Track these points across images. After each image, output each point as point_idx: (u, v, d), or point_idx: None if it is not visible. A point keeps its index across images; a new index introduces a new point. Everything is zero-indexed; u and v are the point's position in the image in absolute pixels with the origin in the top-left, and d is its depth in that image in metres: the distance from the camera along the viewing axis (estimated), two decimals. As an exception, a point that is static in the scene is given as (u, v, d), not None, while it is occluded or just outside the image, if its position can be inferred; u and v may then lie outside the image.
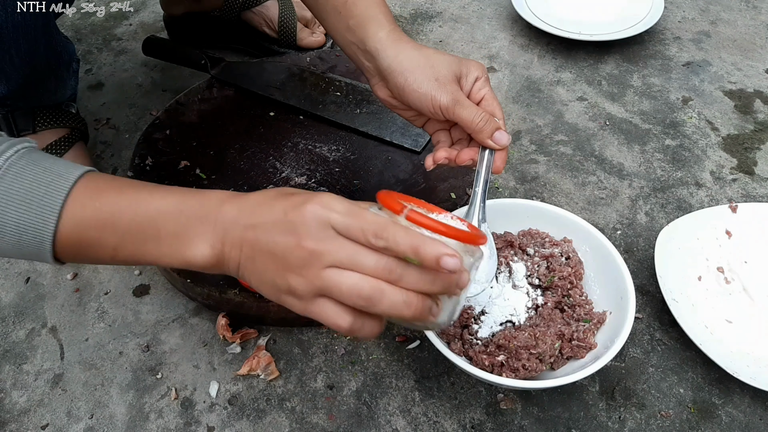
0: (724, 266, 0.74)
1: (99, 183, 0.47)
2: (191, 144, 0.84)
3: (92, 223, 0.45)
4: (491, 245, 0.63)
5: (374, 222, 0.43)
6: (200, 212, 0.46)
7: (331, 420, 0.64)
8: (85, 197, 0.45)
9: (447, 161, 0.62)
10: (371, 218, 0.43)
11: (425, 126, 0.66)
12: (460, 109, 0.59)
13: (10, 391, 0.68)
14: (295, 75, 0.93)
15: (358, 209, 0.44)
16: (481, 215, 0.62)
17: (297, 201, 0.44)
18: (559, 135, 0.94)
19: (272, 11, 1.04)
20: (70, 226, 0.45)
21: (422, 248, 0.42)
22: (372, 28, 0.62)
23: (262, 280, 0.46)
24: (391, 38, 0.61)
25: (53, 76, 0.79)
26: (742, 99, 0.99)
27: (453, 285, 0.44)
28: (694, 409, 0.64)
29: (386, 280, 0.43)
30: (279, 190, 0.47)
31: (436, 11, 1.19)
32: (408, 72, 0.60)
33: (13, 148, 0.46)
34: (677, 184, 0.86)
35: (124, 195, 0.46)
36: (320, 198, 0.44)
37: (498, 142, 0.59)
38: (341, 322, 0.44)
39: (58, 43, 0.77)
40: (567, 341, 0.61)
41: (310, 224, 0.43)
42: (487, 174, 0.61)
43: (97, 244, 0.46)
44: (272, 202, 0.45)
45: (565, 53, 1.08)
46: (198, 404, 0.66)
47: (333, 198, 0.44)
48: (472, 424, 0.63)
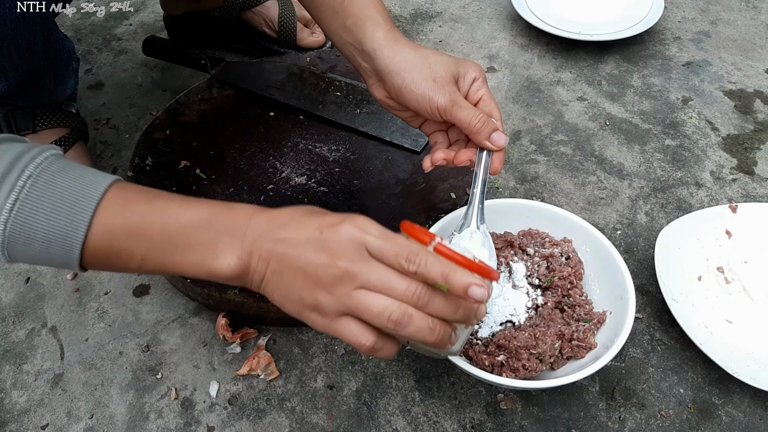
0: (724, 266, 0.74)
1: (129, 192, 0.47)
2: (191, 144, 0.84)
3: (122, 232, 0.46)
4: (490, 246, 0.63)
5: (408, 247, 0.44)
6: (230, 224, 0.46)
7: (331, 420, 0.64)
8: (116, 206, 0.46)
9: (445, 162, 0.62)
10: (405, 243, 0.44)
11: (422, 127, 0.66)
12: (458, 110, 0.58)
13: (10, 391, 0.68)
14: (295, 75, 0.93)
15: (392, 234, 0.45)
16: (479, 216, 0.62)
17: (332, 220, 0.45)
18: (559, 135, 0.94)
19: (272, 11, 1.04)
20: (100, 235, 0.45)
21: (453, 276, 0.43)
22: (369, 28, 0.61)
23: (286, 295, 0.46)
24: (388, 38, 0.61)
25: (52, 74, 0.79)
26: (742, 99, 0.99)
27: (473, 315, 0.46)
28: (694, 409, 0.64)
29: (414, 305, 0.44)
30: (309, 208, 0.48)
31: (436, 11, 1.19)
32: (405, 72, 0.59)
33: (43, 154, 0.46)
34: (677, 184, 0.86)
35: (154, 205, 0.47)
36: (356, 220, 0.45)
37: (495, 143, 0.59)
38: (364, 341, 0.45)
39: (57, 40, 0.77)
40: (567, 341, 0.61)
41: (345, 244, 0.44)
42: (485, 175, 0.61)
43: (126, 253, 0.46)
44: (305, 218, 0.46)
45: (565, 53, 1.08)
46: (198, 404, 0.66)
47: (368, 221, 0.45)
48: (472, 424, 0.63)
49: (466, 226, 0.63)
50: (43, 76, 0.78)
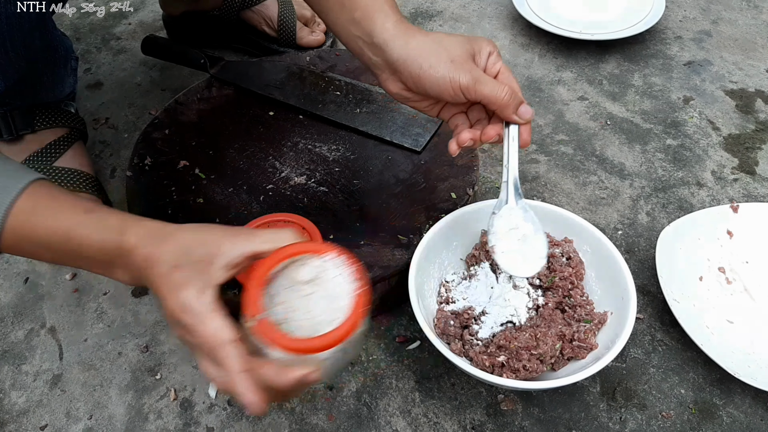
0: (726, 266, 0.73)
1: (39, 201, 0.51)
2: (190, 143, 0.84)
3: (29, 241, 0.51)
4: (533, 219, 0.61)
5: (212, 338, 0.46)
6: (118, 254, 0.50)
7: (331, 421, 0.64)
8: (24, 216, 0.50)
9: (472, 142, 0.61)
10: (211, 334, 0.46)
11: (441, 112, 0.64)
12: (482, 87, 0.57)
13: (9, 391, 0.68)
14: (295, 74, 0.93)
15: (202, 316, 0.47)
16: (516, 192, 0.61)
17: (176, 283, 0.48)
18: (559, 135, 0.94)
19: (272, 10, 1.04)
20: (11, 238, 0.50)
21: (232, 392, 0.46)
22: (379, 20, 0.60)
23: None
24: (399, 28, 0.60)
25: (50, 73, 0.79)
26: (743, 98, 0.98)
27: (295, 386, 0.46)
28: (695, 409, 0.64)
29: (224, 387, 0.47)
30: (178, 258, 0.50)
31: (436, 10, 1.19)
32: (422, 59, 0.58)
33: None
34: (678, 183, 0.86)
35: (59, 222, 0.50)
36: (179, 297, 0.47)
37: (523, 116, 0.59)
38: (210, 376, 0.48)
39: (54, 38, 0.77)
40: (568, 342, 0.61)
41: (175, 318, 0.48)
42: (516, 149, 0.59)
43: (36, 255, 0.53)
44: (170, 274, 0.48)
45: (566, 52, 1.08)
46: (197, 405, 0.66)
47: (191, 298, 0.47)
48: (472, 425, 0.63)
49: (504, 203, 0.61)
50: (42, 75, 0.77)
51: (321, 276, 0.49)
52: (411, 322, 0.72)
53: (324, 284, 0.49)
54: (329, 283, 0.49)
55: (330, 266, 0.49)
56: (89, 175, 0.83)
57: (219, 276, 0.49)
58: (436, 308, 0.66)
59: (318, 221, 0.72)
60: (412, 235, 0.71)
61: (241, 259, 0.50)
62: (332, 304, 0.48)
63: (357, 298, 0.48)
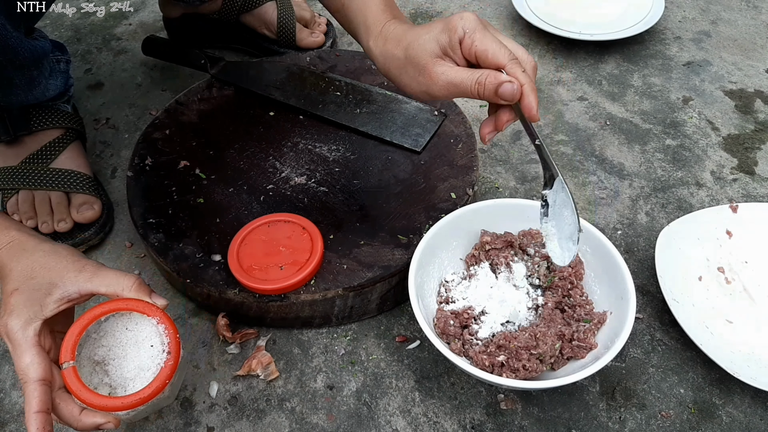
0: (725, 266, 0.73)
1: None
2: (191, 144, 0.84)
3: None
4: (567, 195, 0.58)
5: (23, 372, 0.50)
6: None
7: (331, 420, 0.64)
8: None
9: (495, 132, 0.58)
10: (23, 367, 0.50)
11: None
12: (457, 90, 0.55)
13: (9, 391, 0.68)
14: (295, 75, 0.93)
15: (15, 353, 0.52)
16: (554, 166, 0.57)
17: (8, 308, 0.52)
18: (559, 135, 0.94)
19: (271, 14, 1.03)
20: None
21: (26, 426, 0.49)
22: (363, 38, 0.63)
23: None
24: (377, 44, 0.61)
25: (21, 75, 0.76)
26: (742, 99, 0.98)
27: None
28: (694, 409, 0.64)
29: None
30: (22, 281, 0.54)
31: (436, 11, 1.19)
32: (396, 78, 0.60)
33: None
34: (678, 184, 0.86)
35: None
36: (2, 322, 0.52)
37: (503, 96, 0.53)
38: None
39: (9, 38, 0.71)
40: (567, 341, 0.61)
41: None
42: (530, 126, 0.56)
43: None
44: (11, 294, 0.53)
45: (566, 53, 1.08)
46: (198, 404, 0.66)
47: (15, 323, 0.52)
48: (472, 425, 0.63)
49: (556, 175, 0.57)
50: (12, 77, 0.75)
51: (140, 337, 0.56)
52: (411, 322, 0.72)
53: (140, 345, 0.56)
54: (144, 344, 0.56)
55: (151, 331, 0.56)
56: (86, 176, 0.82)
57: (51, 309, 0.53)
58: (435, 308, 0.67)
59: (318, 221, 0.72)
60: (412, 235, 0.71)
61: (77, 296, 0.54)
62: (143, 366, 0.55)
63: (163, 369, 0.54)
